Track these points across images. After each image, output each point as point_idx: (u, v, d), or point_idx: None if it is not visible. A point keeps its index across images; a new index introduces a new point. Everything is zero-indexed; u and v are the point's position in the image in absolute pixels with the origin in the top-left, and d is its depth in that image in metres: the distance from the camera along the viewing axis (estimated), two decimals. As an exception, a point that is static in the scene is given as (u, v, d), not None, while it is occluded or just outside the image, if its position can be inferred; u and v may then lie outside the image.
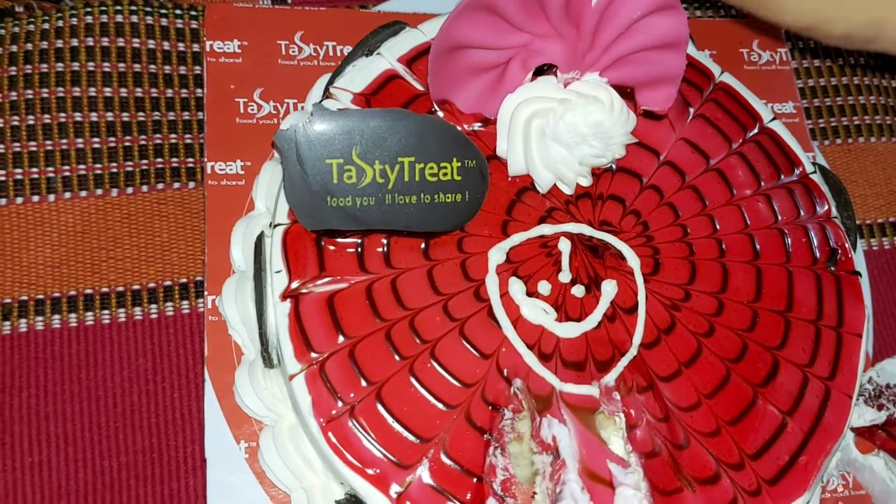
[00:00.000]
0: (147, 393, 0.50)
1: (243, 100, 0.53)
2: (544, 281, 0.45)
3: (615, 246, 0.47)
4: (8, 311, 0.51)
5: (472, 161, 0.45)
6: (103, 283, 0.52)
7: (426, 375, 0.43)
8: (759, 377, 0.46)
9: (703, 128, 0.51)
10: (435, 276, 0.45)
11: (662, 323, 0.46)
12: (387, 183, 0.44)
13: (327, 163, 0.43)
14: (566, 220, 0.47)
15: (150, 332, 0.52)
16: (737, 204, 0.50)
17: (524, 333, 0.44)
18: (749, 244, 0.49)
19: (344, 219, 0.44)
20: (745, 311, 0.47)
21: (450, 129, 0.45)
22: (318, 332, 0.43)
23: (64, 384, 0.50)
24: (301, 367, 0.42)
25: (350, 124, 0.43)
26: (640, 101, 0.50)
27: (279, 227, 0.45)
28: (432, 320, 0.44)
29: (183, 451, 0.49)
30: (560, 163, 0.46)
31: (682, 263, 0.48)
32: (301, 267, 0.44)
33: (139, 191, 0.55)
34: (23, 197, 0.53)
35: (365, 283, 0.44)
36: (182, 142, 0.56)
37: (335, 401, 0.42)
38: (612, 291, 0.46)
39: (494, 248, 0.46)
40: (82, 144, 0.55)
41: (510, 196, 0.47)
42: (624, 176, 0.49)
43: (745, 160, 0.51)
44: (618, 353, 0.45)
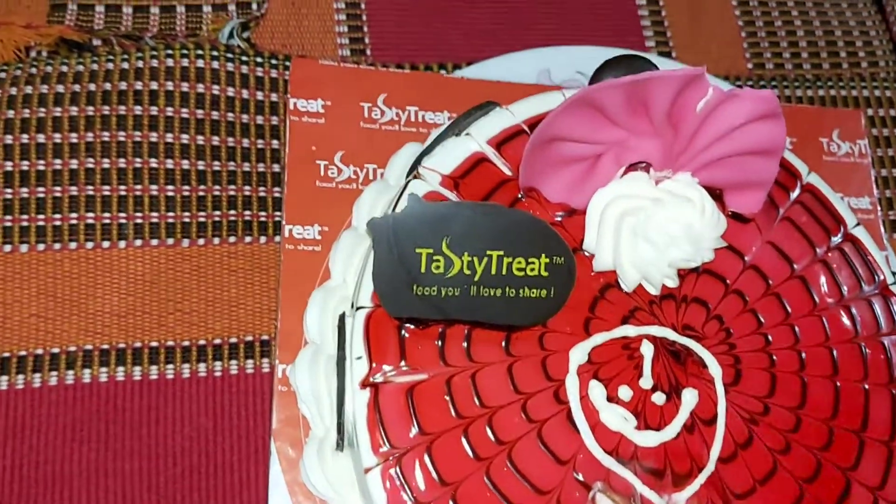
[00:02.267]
0: (207, 453, 0.50)
1: (324, 162, 0.53)
2: (625, 385, 0.45)
3: (698, 353, 0.46)
4: (72, 359, 0.50)
5: (561, 258, 0.44)
6: (169, 336, 0.52)
7: (502, 480, 0.42)
8: (831, 499, 0.45)
9: (789, 231, 0.50)
10: (515, 373, 0.44)
11: (740, 437, 0.45)
12: (473, 275, 0.43)
13: (417, 252, 0.43)
14: (649, 322, 0.46)
15: (213, 390, 0.51)
16: (819, 315, 0.49)
17: (602, 439, 0.44)
18: (829, 358, 0.48)
19: (428, 308, 0.43)
20: (821, 428, 0.47)
21: (540, 225, 0.44)
22: (396, 426, 0.42)
23: (125, 440, 0.49)
24: (377, 461, 0.42)
25: (443, 215, 0.43)
26: (728, 203, 0.49)
27: (362, 311, 0.44)
28: (510, 420, 0.43)
29: (240, 517, 0.49)
30: (649, 263, 0.46)
31: (763, 375, 0.47)
32: (382, 354, 0.43)
33: (210, 242, 0.54)
34: (93, 242, 0.53)
35: (445, 377, 0.43)
36: (256, 195, 0.56)
37: (410, 500, 0.41)
38: (693, 401, 0.45)
39: (576, 347, 0.45)
40: (156, 191, 0.54)
41: (593, 292, 0.47)
42: (708, 278, 0.48)
43: (829, 269, 0.50)
44: (696, 468, 0.44)
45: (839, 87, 0.69)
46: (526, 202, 0.47)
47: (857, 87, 0.69)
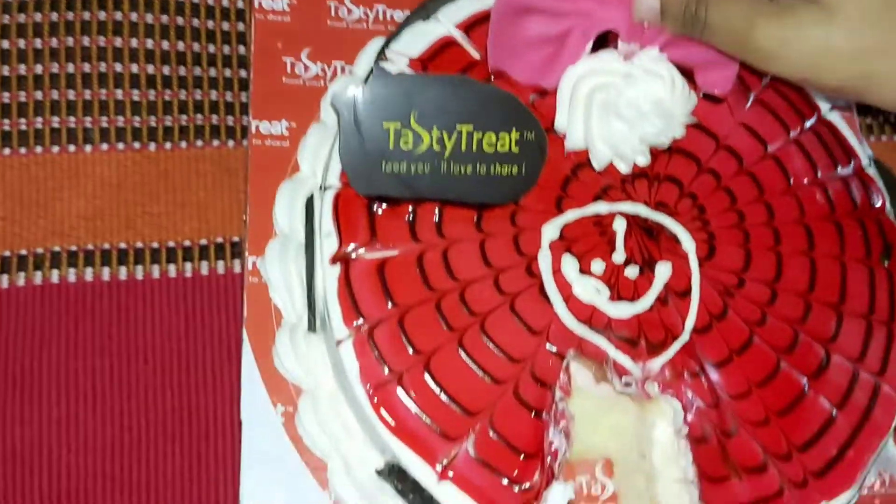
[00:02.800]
0: (179, 352, 0.49)
1: (290, 59, 0.52)
2: (598, 259, 0.44)
3: (671, 228, 0.46)
4: (40, 261, 0.49)
5: (532, 133, 0.43)
6: (138, 238, 0.51)
7: (475, 349, 0.42)
8: (809, 369, 0.45)
9: (762, 114, 0.50)
10: (487, 248, 0.44)
11: (715, 309, 0.45)
12: (443, 151, 0.43)
13: (385, 127, 0.42)
14: (622, 199, 0.46)
15: (183, 291, 0.50)
16: (793, 193, 0.49)
17: (576, 311, 0.43)
18: (804, 234, 0.48)
19: (397, 185, 0.43)
20: (797, 301, 0.46)
21: (510, 100, 0.43)
22: (368, 299, 0.42)
23: (94, 339, 0.49)
24: (349, 333, 0.41)
25: (410, 88, 0.42)
26: (699, 81, 0.48)
27: (330, 190, 0.44)
28: (483, 293, 0.43)
29: (214, 413, 0.48)
30: (620, 139, 0.45)
31: (737, 250, 0.47)
32: (352, 231, 0.43)
33: (177, 147, 0.53)
34: (59, 146, 0.52)
35: (416, 252, 0.43)
36: (223, 99, 0.55)
37: (383, 368, 0.41)
38: (667, 274, 0.45)
39: (548, 223, 0.45)
40: (122, 96, 0.53)
41: (565, 172, 0.46)
42: (681, 157, 0.48)
43: (803, 149, 0.50)
44: (670, 337, 0.44)
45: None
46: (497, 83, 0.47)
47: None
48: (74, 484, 0.46)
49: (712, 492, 0.42)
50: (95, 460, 0.46)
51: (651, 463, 0.43)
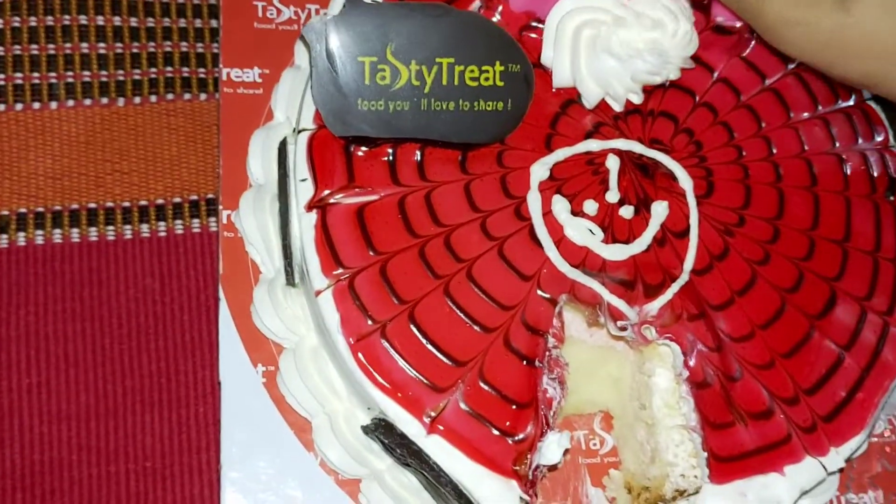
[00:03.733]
0: (154, 314, 0.47)
1: (262, 3, 0.49)
2: (590, 200, 0.42)
3: (667, 165, 0.44)
4: (5, 223, 0.47)
5: (517, 66, 0.41)
6: (108, 198, 0.49)
7: (462, 296, 0.39)
8: (815, 309, 0.43)
9: (759, 46, 0.47)
10: (473, 191, 0.41)
11: (715, 248, 0.43)
12: (423, 86, 0.40)
13: (359, 61, 0.40)
14: (615, 137, 0.44)
15: (157, 251, 0.48)
16: (793, 126, 0.46)
17: (568, 254, 0.41)
18: (806, 169, 0.46)
19: (375, 124, 0.40)
20: (801, 238, 0.44)
21: (494, 30, 0.41)
22: (347, 246, 0.39)
23: (65, 302, 0.46)
24: (328, 283, 0.39)
25: (386, 19, 0.40)
26: (714, 12, 0.46)
27: (304, 133, 0.41)
28: (469, 238, 0.40)
29: (193, 376, 0.46)
30: (611, 76, 0.43)
31: (737, 186, 0.44)
32: (329, 175, 0.40)
33: (147, 101, 0.51)
34: (23, 103, 0.49)
35: (397, 196, 0.40)
36: (193, 50, 0.52)
37: (365, 319, 0.38)
38: (663, 213, 0.42)
39: (537, 163, 0.42)
40: (87, 49, 0.51)
41: (554, 108, 0.44)
42: (676, 92, 0.45)
43: (802, 81, 0.47)
44: (668, 279, 0.41)
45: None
46: (484, 13, 0.44)
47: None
48: (48, 455, 0.44)
49: (716, 439, 0.39)
50: (70, 429, 0.44)
51: (651, 412, 0.41)
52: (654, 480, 0.41)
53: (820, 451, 0.41)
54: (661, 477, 0.41)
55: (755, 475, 0.40)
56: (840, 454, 0.41)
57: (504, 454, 0.37)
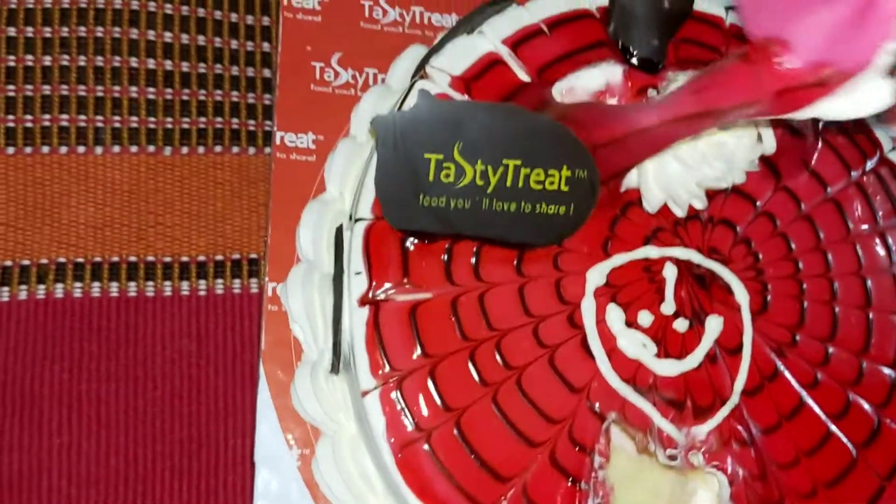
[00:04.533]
0: (190, 378, 0.46)
1: (320, 64, 0.48)
2: (645, 311, 0.41)
3: (724, 277, 0.43)
4: (44, 273, 0.46)
5: (584, 171, 0.40)
6: (149, 252, 0.48)
7: (510, 407, 0.39)
8: (860, 437, 0.42)
9: (824, 152, 0.46)
10: (526, 294, 0.41)
11: (767, 369, 0.42)
12: (486, 186, 0.39)
13: (425, 157, 0.39)
14: (673, 243, 0.43)
15: (196, 310, 0.47)
16: (852, 241, 0.46)
17: (619, 367, 0.40)
18: (861, 287, 0.45)
19: (435, 221, 0.39)
20: (852, 361, 0.43)
21: (564, 133, 0.40)
22: (397, 346, 0.39)
23: (100, 360, 0.46)
24: (376, 384, 0.38)
25: (456, 116, 0.39)
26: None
27: (361, 222, 0.40)
28: (520, 345, 0.40)
29: (224, 445, 0.46)
30: (676, 182, 0.42)
31: (793, 303, 0.44)
32: (383, 270, 0.39)
33: (195, 151, 0.50)
34: (67, 146, 0.48)
35: (451, 296, 0.40)
36: (244, 101, 0.51)
37: (410, 425, 0.38)
38: (717, 329, 0.42)
39: (594, 268, 0.41)
40: (136, 94, 0.50)
41: (614, 211, 0.43)
42: (737, 198, 0.44)
43: (864, 193, 0.47)
44: (718, 400, 0.41)
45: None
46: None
47: None
48: (75, 517, 0.43)
49: (754, 567, 0.39)
50: (98, 493, 0.44)
51: (689, 531, 0.41)
52: None
53: (851, 581, 0.41)
54: None
55: None
56: (873, 584, 0.41)
57: (543, 575, 0.37)
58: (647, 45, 0.45)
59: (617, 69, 0.44)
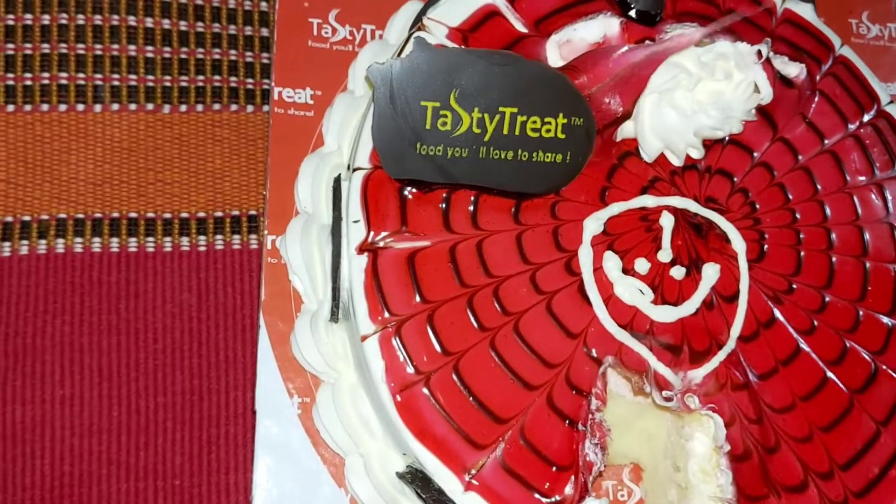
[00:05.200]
0: (191, 331, 0.47)
1: (317, 20, 0.48)
2: (642, 258, 0.42)
3: (721, 226, 0.43)
4: (44, 229, 0.47)
5: (580, 119, 0.40)
6: (149, 208, 0.48)
7: (508, 351, 0.39)
8: (856, 383, 0.43)
9: (822, 104, 0.47)
10: (524, 242, 0.41)
11: (763, 315, 0.42)
12: (483, 134, 0.40)
13: (422, 105, 0.39)
14: (670, 193, 0.43)
15: (196, 265, 0.48)
16: (849, 192, 0.46)
17: (616, 313, 0.41)
18: (858, 238, 0.45)
19: (432, 170, 0.40)
20: (848, 310, 0.44)
21: (560, 81, 0.40)
22: (396, 292, 0.39)
23: (101, 314, 0.46)
24: (375, 329, 0.38)
25: (452, 64, 0.39)
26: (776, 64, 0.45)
27: (359, 172, 0.41)
28: (518, 291, 0.40)
29: (226, 396, 0.46)
30: (672, 131, 0.42)
31: (789, 252, 0.44)
32: (381, 219, 0.40)
33: (193, 109, 0.50)
34: (66, 104, 0.49)
35: (449, 244, 0.40)
36: (242, 59, 0.51)
37: (409, 368, 0.38)
38: (714, 276, 0.42)
39: (591, 217, 0.42)
40: (135, 52, 0.50)
41: (612, 160, 0.43)
42: (734, 149, 0.45)
43: (861, 145, 0.47)
44: (714, 345, 0.41)
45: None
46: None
47: (888, -29, 0.65)
48: (78, 467, 0.44)
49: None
50: (101, 443, 0.44)
51: (686, 476, 0.41)
52: (682, 543, 0.41)
53: (849, 525, 0.41)
54: (689, 540, 0.41)
55: (783, 545, 0.40)
56: (868, 529, 0.41)
57: (540, 515, 0.37)
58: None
59: (614, 21, 0.44)
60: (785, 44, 0.47)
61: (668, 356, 0.40)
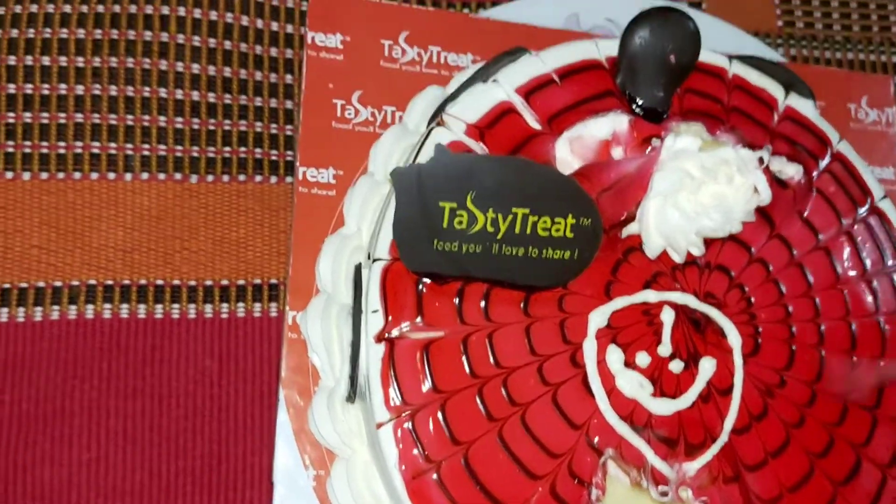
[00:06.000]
0: (212, 397, 0.49)
1: (341, 101, 0.51)
2: (643, 352, 0.44)
3: (718, 322, 0.45)
4: (75, 294, 0.49)
5: (588, 220, 0.43)
6: (175, 275, 0.50)
7: (515, 441, 0.41)
8: (840, 475, 0.45)
9: (817, 202, 0.49)
10: (532, 334, 0.43)
11: (755, 408, 0.45)
12: (497, 232, 0.42)
13: (440, 205, 0.41)
14: (671, 288, 0.45)
15: (219, 332, 0.50)
16: (840, 288, 0.48)
17: (617, 406, 0.43)
18: (847, 333, 0.48)
19: (448, 264, 0.42)
20: (836, 404, 0.46)
21: (569, 184, 0.43)
22: (411, 382, 0.41)
23: (128, 379, 0.48)
24: (390, 417, 0.41)
25: (470, 168, 0.41)
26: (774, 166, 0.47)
27: (379, 263, 0.43)
28: (526, 382, 0.42)
29: (244, 461, 0.48)
30: (676, 231, 0.44)
31: (782, 347, 0.46)
32: (399, 309, 0.42)
33: (219, 180, 0.52)
34: (98, 173, 0.51)
35: (461, 335, 0.42)
36: (267, 131, 0.54)
37: (422, 457, 0.40)
38: (710, 370, 0.44)
39: (596, 310, 0.44)
40: (165, 123, 0.52)
41: (617, 255, 0.45)
42: (733, 245, 0.47)
43: (853, 241, 0.49)
44: (709, 438, 0.43)
45: (868, 51, 0.67)
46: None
47: (887, 52, 0.67)
48: (102, 527, 0.46)
49: None
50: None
51: (677, 561, 0.43)
52: None
53: None
54: None
55: None
56: None
57: None
58: (652, 95, 0.47)
59: (623, 119, 0.47)
60: (784, 141, 0.49)
61: (665, 449, 0.43)
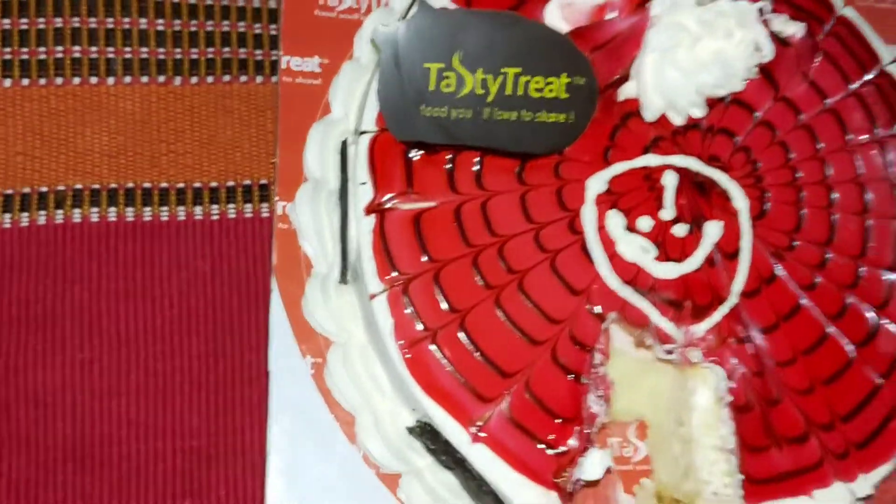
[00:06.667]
0: (205, 297, 0.48)
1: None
2: (645, 216, 0.42)
3: (723, 184, 0.44)
4: (61, 199, 0.48)
5: (582, 78, 0.41)
6: (162, 178, 0.49)
7: (513, 307, 0.40)
8: (857, 337, 0.43)
9: (823, 64, 0.47)
10: (528, 202, 0.42)
11: (765, 272, 0.43)
12: (486, 95, 0.40)
13: (425, 67, 0.40)
14: (673, 152, 0.44)
15: (210, 234, 0.49)
16: (850, 149, 0.46)
17: (619, 270, 0.41)
18: (859, 195, 0.46)
19: (436, 131, 0.40)
20: (849, 265, 0.44)
21: (563, 41, 0.41)
22: (403, 252, 0.40)
23: (118, 281, 0.47)
24: (383, 287, 0.39)
25: (455, 26, 0.40)
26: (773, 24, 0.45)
27: (365, 135, 0.41)
28: (522, 250, 0.41)
29: (240, 359, 0.47)
30: (675, 90, 0.42)
31: (791, 209, 0.44)
32: (388, 180, 0.41)
33: (204, 81, 0.51)
34: (80, 77, 0.50)
35: (454, 204, 0.41)
36: (251, 31, 0.52)
37: (417, 325, 0.39)
38: (717, 233, 0.43)
39: (594, 176, 0.42)
40: (146, 25, 0.51)
41: (614, 120, 0.44)
42: (736, 108, 0.45)
43: (863, 103, 0.47)
44: (716, 300, 0.42)
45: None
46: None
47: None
48: (97, 429, 0.45)
49: (751, 461, 0.40)
50: (119, 405, 0.46)
51: (689, 430, 0.42)
52: (687, 495, 0.42)
53: (849, 476, 0.42)
54: (693, 493, 0.42)
55: (785, 497, 0.41)
56: (868, 480, 0.42)
57: (545, 466, 0.39)
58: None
59: (616, -20, 0.45)
60: (786, 4, 0.47)
61: (671, 311, 0.41)
